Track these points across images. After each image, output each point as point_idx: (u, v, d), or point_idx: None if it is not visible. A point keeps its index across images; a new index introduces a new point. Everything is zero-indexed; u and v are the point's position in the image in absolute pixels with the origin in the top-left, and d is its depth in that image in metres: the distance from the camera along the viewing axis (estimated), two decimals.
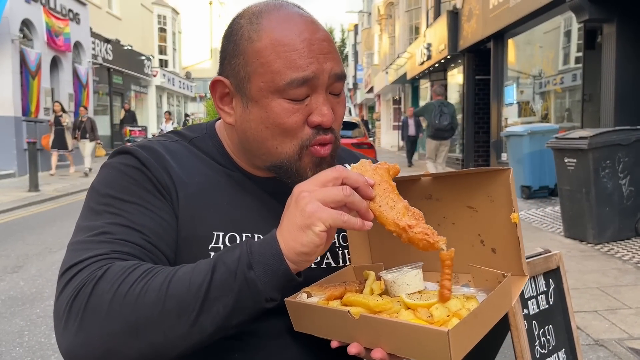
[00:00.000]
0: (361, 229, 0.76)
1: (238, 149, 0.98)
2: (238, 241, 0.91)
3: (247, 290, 0.72)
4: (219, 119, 1.05)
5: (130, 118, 19.90)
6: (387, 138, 30.73)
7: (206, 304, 0.71)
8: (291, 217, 0.74)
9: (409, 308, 0.79)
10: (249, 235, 0.92)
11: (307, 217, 0.72)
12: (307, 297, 0.87)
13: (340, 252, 1.02)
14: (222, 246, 0.89)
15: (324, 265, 0.99)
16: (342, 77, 0.91)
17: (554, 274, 1.47)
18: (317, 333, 0.84)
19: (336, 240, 1.02)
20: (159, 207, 0.87)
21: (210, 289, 0.71)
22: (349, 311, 0.77)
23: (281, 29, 0.87)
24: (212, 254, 0.88)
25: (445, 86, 17.63)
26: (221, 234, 0.90)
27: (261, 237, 0.91)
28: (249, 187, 0.97)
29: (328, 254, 1.00)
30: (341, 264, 1.01)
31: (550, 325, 1.41)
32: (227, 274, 0.72)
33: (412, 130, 17.66)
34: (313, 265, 0.97)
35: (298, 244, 0.73)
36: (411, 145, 17.94)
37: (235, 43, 0.90)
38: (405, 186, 0.97)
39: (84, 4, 17.62)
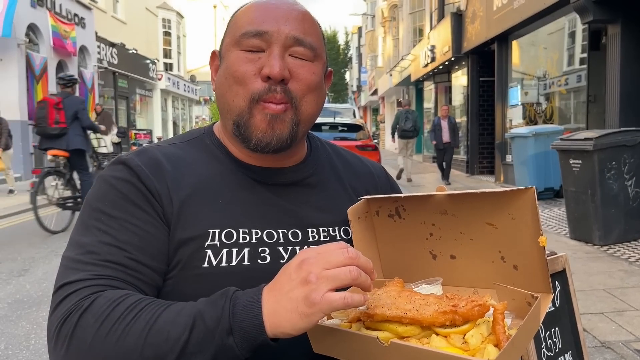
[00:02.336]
0: (361, 304, 0.74)
1: (226, 131, 1.01)
2: (235, 237, 0.91)
3: (223, 353, 0.73)
4: (215, 122, 1.09)
5: (103, 122, 14.52)
6: (394, 143, 30.68)
7: (182, 358, 0.73)
8: (292, 297, 0.72)
9: (437, 333, 0.76)
10: (246, 230, 0.92)
11: (310, 305, 0.71)
12: (327, 319, 0.84)
13: None
14: (218, 243, 0.90)
15: None
16: (303, 42, 0.93)
17: (559, 276, 1.47)
18: (339, 356, 0.80)
19: (337, 233, 1.01)
20: (145, 219, 0.88)
21: (188, 346, 0.73)
22: (378, 337, 0.74)
23: (258, 1, 0.97)
24: (209, 251, 0.89)
25: (450, 88, 17.64)
26: (217, 231, 0.91)
27: (258, 233, 0.93)
28: (246, 182, 0.98)
29: None
30: None
31: (557, 328, 1.41)
32: (205, 333, 0.73)
33: (446, 136, 12.60)
34: None
35: (289, 327, 0.72)
36: (444, 155, 12.73)
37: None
38: (417, 202, 0.95)
39: (89, 9, 17.73)
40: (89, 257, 0.84)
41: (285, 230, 0.96)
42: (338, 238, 1.00)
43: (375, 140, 17.34)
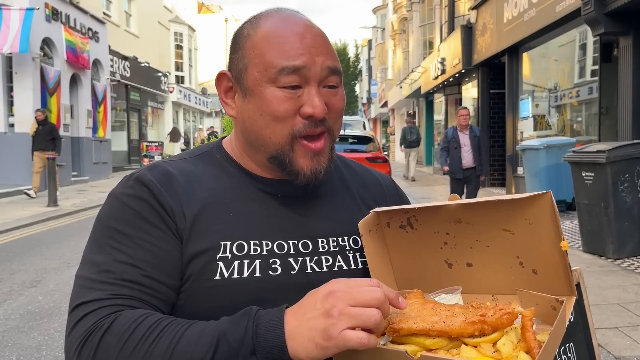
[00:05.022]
0: (375, 345, 0.74)
1: (243, 147, 1.01)
2: (246, 249, 0.91)
3: None
4: (225, 137, 1.09)
5: (46, 134, 11.98)
6: (402, 152, 30.62)
7: None
8: (312, 326, 0.73)
9: (466, 343, 0.75)
10: (257, 242, 0.93)
11: (327, 338, 0.72)
12: None
13: (351, 254, 1.00)
14: (229, 255, 0.90)
15: (335, 268, 0.98)
16: (336, 70, 0.94)
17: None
18: None
19: (347, 243, 1.01)
20: (158, 236, 0.89)
21: None
22: (406, 351, 0.73)
23: (276, 25, 0.95)
24: (220, 263, 0.89)
25: (460, 100, 17.63)
26: (228, 243, 0.91)
27: (269, 244, 0.93)
28: (256, 194, 0.98)
29: (339, 256, 0.99)
30: (352, 267, 1.00)
31: (571, 343, 1.38)
32: (229, 353, 0.74)
33: (467, 158, 8.14)
34: (325, 269, 0.96)
35: (304, 354, 0.73)
36: (463, 189, 8.35)
37: (235, 41, 0.99)
38: (430, 212, 0.94)
39: (102, 23, 17.97)
40: (104, 276, 0.85)
41: (296, 241, 0.96)
42: (347, 248, 1.01)
43: (386, 152, 17.43)
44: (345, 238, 1.01)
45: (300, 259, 0.95)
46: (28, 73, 13.30)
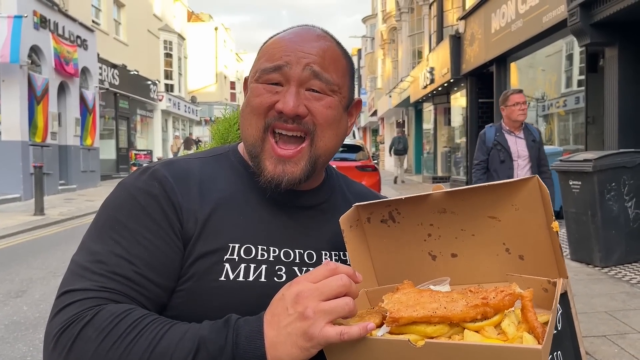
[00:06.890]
0: (357, 337, 0.74)
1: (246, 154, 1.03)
2: (253, 253, 0.92)
3: None
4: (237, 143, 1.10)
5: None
6: (391, 161, 30.72)
7: None
8: (291, 332, 0.74)
9: (465, 328, 0.74)
10: (264, 247, 0.93)
11: (308, 339, 0.73)
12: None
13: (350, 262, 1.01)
14: (236, 258, 0.90)
15: None
16: (321, 77, 0.94)
17: (561, 299, 1.45)
18: None
19: (348, 258, 1.01)
20: (158, 235, 0.88)
21: None
22: (409, 340, 0.71)
23: (283, 35, 0.99)
24: (227, 265, 0.89)
25: (449, 109, 17.76)
26: (237, 245, 0.91)
27: (276, 251, 0.94)
28: (266, 201, 0.99)
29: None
30: None
31: (559, 352, 1.39)
32: None
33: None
34: None
35: (288, 358, 0.74)
36: None
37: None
38: (413, 203, 0.93)
39: (91, 31, 17.90)
40: (97, 266, 0.84)
41: (302, 251, 0.97)
42: (348, 263, 1.01)
43: (375, 161, 17.48)
44: (347, 253, 1.02)
45: (305, 268, 0.96)
46: (15, 81, 13.18)
